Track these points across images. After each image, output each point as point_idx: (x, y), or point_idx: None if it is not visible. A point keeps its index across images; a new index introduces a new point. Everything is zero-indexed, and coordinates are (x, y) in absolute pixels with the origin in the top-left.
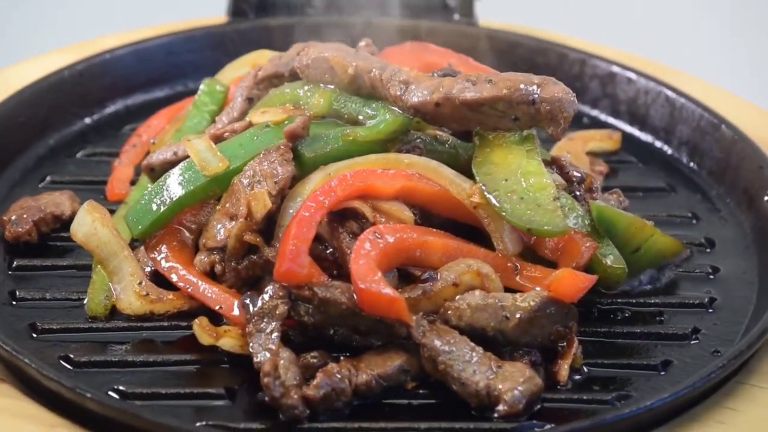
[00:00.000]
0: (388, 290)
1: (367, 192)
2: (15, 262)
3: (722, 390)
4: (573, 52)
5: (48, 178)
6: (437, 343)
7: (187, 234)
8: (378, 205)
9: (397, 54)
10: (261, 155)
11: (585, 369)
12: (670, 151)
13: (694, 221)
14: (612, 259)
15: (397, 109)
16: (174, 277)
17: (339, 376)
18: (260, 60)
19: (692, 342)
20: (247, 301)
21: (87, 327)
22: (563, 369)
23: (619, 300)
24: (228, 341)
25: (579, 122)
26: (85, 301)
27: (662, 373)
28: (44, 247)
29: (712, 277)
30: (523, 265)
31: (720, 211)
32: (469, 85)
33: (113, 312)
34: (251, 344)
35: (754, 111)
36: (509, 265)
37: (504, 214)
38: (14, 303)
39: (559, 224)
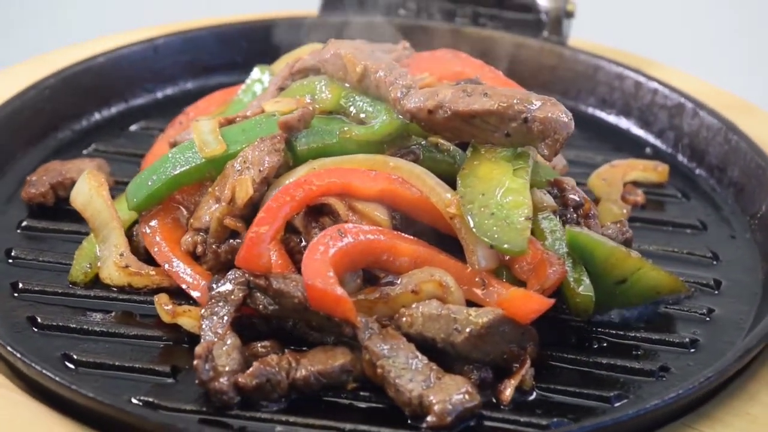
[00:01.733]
0: (336, 289)
1: (345, 190)
2: (25, 222)
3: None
4: (648, 80)
5: (92, 146)
6: (379, 347)
7: (185, 213)
8: (355, 204)
9: (428, 60)
10: (256, 143)
11: (535, 392)
12: (718, 190)
13: (714, 262)
14: (583, 287)
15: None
16: (155, 251)
17: (276, 367)
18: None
19: (657, 380)
20: (212, 284)
21: (63, 292)
22: (508, 389)
23: (601, 329)
24: (186, 321)
25: (641, 152)
26: None
27: (614, 405)
28: (58, 210)
29: (707, 318)
30: (490, 281)
31: (744, 255)
32: (464, 96)
33: (97, 282)
34: (202, 326)
35: None
36: (477, 279)
37: (471, 226)
38: (9, 261)
39: (519, 243)
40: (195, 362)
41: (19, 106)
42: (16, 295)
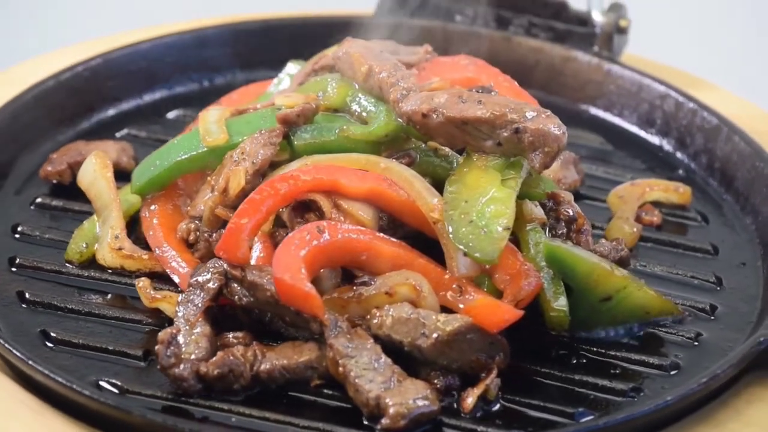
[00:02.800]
0: (304, 284)
1: (332, 187)
2: (39, 199)
3: None
4: (689, 101)
5: (126, 130)
6: (344, 345)
7: (189, 201)
8: (340, 202)
9: (444, 65)
10: (255, 135)
11: (500, 402)
12: (741, 216)
13: (717, 288)
14: (558, 302)
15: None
16: (150, 235)
17: (241, 358)
18: None
19: (626, 399)
20: (194, 272)
21: (57, 270)
22: (470, 397)
23: (585, 345)
24: (167, 307)
25: (674, 173)
26: None
27: (578, 421)
28: (74, 190)
29: (695, 343)
30: (467, 289)
31: (749, 284)
32: (459, 102)
33: (93, 263)
34: (177, 312)
35: None
36: (454, 286)
37: (449, 233)
38: (15, 236)
39: (489, 253)
40: (157, 347)
41: (54, 85)
42: (13, 269)
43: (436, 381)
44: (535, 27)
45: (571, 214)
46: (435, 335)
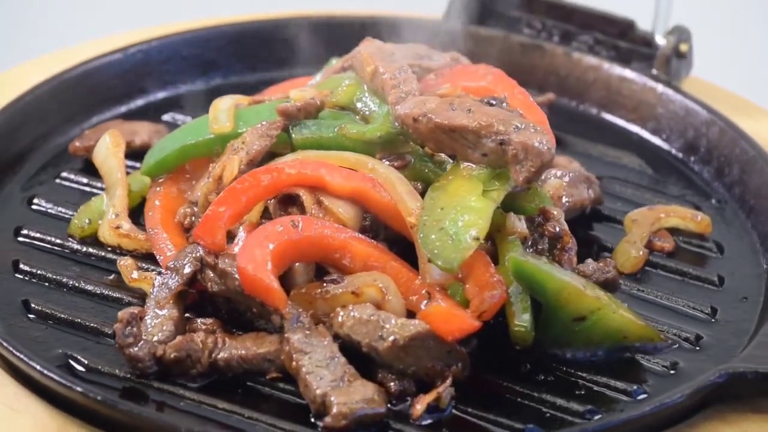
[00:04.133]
0: (266, 276)
1: (317, 183)
2: (64, 173)
3: None
4: (731, 129)
5: (171, 114)
6: (300, 340)
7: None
8: (323, 199)
9: (461, 73)
10: (256, 126)
11: (452, 412)
12: (760, 251)
13: (712, 319)
14: (521, 317)
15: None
16: (149, 215)
17: (200, 344)
18: None
19: (581, 420)
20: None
21: (57, 242)
22: (420, 404)
23: (556, 363)
24: (146, 287)
25: (707, 202)
26: None
27: None
28: None
29: (671, 372)
30: (435, 295)
31: (744, 318)
32: (448, 109)
33: (95, 240)
34: (150, 294)
35: None
36: (423, 292)
37: (418, 238)
38: (31, 207)
39: (450, 261)
40: (115, 326)
41: (101, 65)
42: (18, 239)
43: (391, 384)
44: (599, 44)
45: (557, 231)
46: (391, 339)
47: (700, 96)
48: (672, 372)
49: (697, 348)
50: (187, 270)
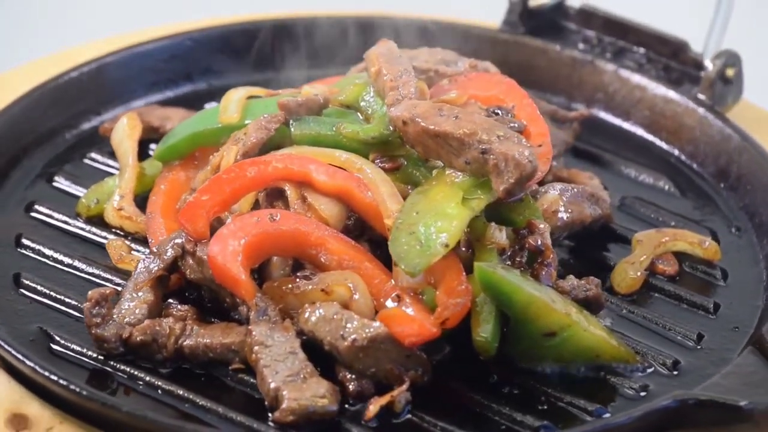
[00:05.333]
0: (234, 266)
1: (303, 179)
2: (92, 153)
3: None
4: (761, 157)
5: (212, 103)
6: (262, 333)
7: None
8: (307, 195)
9: (473, 80)
10: (259, 118)
11: (407, 416)
12: (765, 285)
13: (697, 346)
14: (484, 328)
15: None
16: (152, 200)
17: (167, 330)
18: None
19: None
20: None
21: (63, 219)
22: (373, 406)
23: (524, 377)
24: (132, 268)
25: (728, 229)
26: None
27: None
28: None
29: (641, 394)
30: (404, 298)
31: (728, 348)
32: (436, 114)
33: (103, 220)
34: (132, 276)
35: None
36: (393, 294)
37: (389, 242)
38: (50, 183)
39: (413, 266)
40: (84, 305)
41: (149, 49)
42: (29, 214)
43: (350, 384)
44: (650, 63)
45: (539, 244)
46: (351, 339)
47: (750, 123)
48: (642, 394)
49: (675, 373)
50: (168, 255)
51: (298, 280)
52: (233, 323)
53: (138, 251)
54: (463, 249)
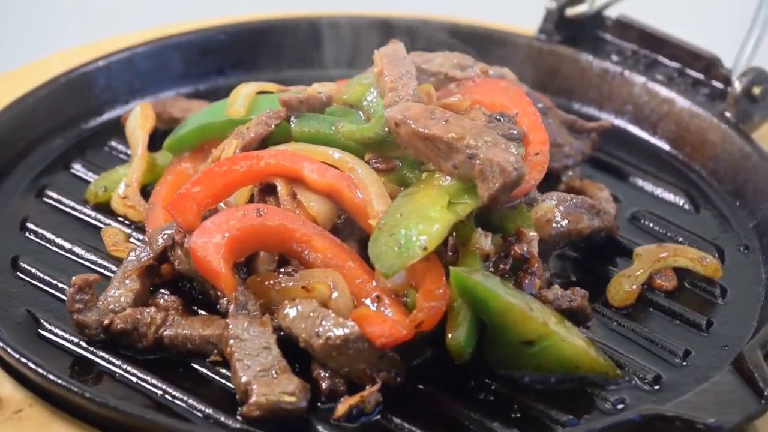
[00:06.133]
0: (214, 259)
1: (295, 175)
2: (111, 142)
3: None
4: None
5: None
6: (239, 326)
7: None
8: (298, 192)
9: (481, 86)
10: (261, 113)
11: (377, 417)
12: (762, 306)
13: (683, 362)
14: (456, 332)
15: None
16: (156, 190)
17: (148, 319)
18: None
19: None
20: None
21: (71, 205)
22: (342, 405)
23: (500, 384)
24: (123, 256)
25: (737, 248)
26: None
27: None
28: (154, 139)
29: (618, 407)
30: (383, 299)
31: (712, 365)
32: (427, 118)
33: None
34: (122, 264)
35: None
36: (374, 295)
37: (369, 242)
38: (69, 171)
39: (390, 267)
40: (68, 290)
41: (180, 41)
42: (41, 198)
43: (323, 382)
44: (682, 77)
45: (524, 252)
46: (326, 336)
47: None
48: (620, 407)
49: (655, 387)
50: (158, 245)
51: (280, 276)
52: (216, 316)
53: (138, 240)
54: (450, 253)
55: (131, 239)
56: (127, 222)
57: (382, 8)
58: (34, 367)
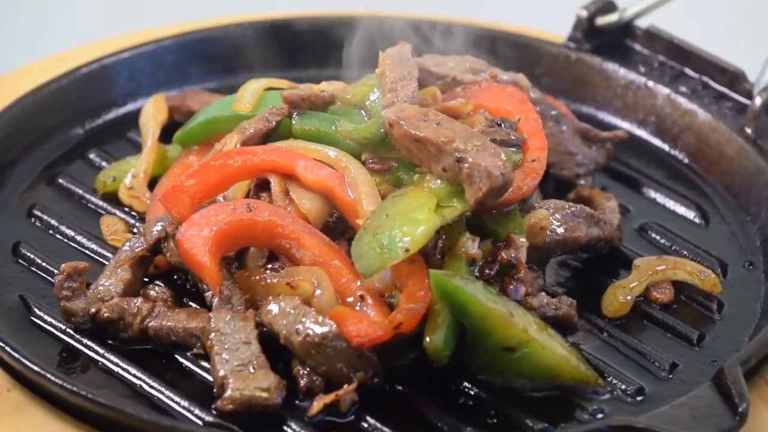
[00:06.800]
0: (198, 252)
1: (289, 172)
2: (130, 133)
3: None
4: None
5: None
6: (220, 320)
7: None
8: (292, 189)
9: (486, 91)
10: (264, 110)
11: (351, 417)
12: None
13: (669, 375)
14: (434, 336)
15: None
16: (161, 182)
17: (134, 309)
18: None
19: None
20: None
21: (79, 194)
22: (317, 404)
23: (481, 389)
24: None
25: (739, 262)
26: None
27: None
28: (168, 130)
29: (599, 416)
30: (366, 299)
31: (698, 381)
32: (420, 120)
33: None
34: (116, 253)
35: None
36: (358, 294)
37: (353, 241)
38: (82, 157)
39: (368, 267)
40: (56, 277)
41: (207, 36)
42: (50, 186)
43: (301, 380)
44: (705, 89)
45: (511, 258)
46: (305, 334)
47: None
48: (598, 417)
49: (638, 399)
50: (152, 236)
51: (267, 272)
52: (203, 309)
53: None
54: (438, 256)
55: (134, 230)
56: (133, 213)
57: (418, 10)
58: (10, 351)
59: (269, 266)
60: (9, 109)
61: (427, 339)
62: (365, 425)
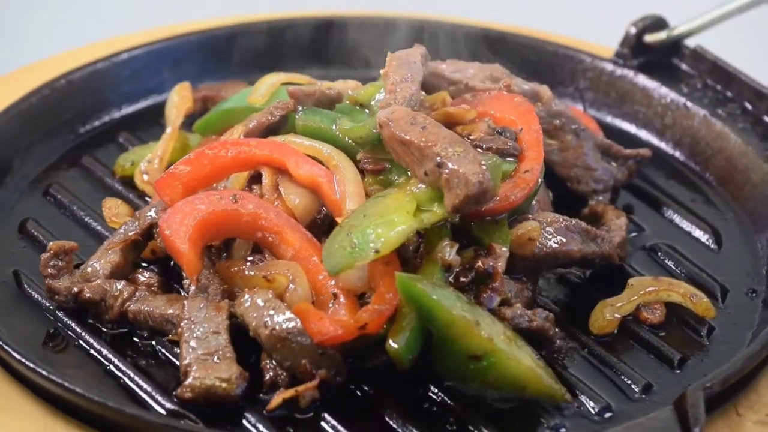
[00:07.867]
0: (179, 239)
1: (281, 166)
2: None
3: None
4: None
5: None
6: (193, 309)
7: None
8: (282, 184)
9: (494, 99)
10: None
11: (312, 416)
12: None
13: (642, 396)
14: (396, 339)
15: None
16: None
17: (116, 292)
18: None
19: None
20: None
21: (98, 176)
22: (276, 398)
23: (447, 395)
24: None
25: (742, 288)
26: None
27: None
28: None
29: (561, 431)
30: (339, 297)
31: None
32: (407, 122)
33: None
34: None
35: None
36: (331, 292)
37: (327, 239)
38: (112, 141)
39: (334, 266)
40: (43, 254)
41: (246, 30)
42: (72, 167)
43: (266, 373)
44: (744, 114)
45: (488, 267)
46: (271, 328)
47: None
48: (563, 430)
49: (605, 417)
50: (146, 221)
51: (247, 263)
52: (183, 297)
53: None
54: (418, 260)
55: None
56: (146, 198)
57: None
58: None
59: (250, 258)
60: (49, 84)
61: (390, 341)
62: (323, 423)
